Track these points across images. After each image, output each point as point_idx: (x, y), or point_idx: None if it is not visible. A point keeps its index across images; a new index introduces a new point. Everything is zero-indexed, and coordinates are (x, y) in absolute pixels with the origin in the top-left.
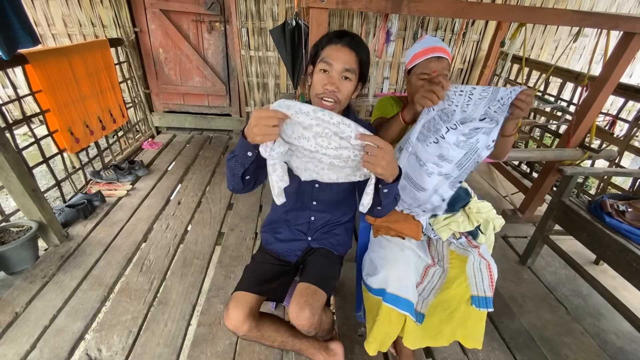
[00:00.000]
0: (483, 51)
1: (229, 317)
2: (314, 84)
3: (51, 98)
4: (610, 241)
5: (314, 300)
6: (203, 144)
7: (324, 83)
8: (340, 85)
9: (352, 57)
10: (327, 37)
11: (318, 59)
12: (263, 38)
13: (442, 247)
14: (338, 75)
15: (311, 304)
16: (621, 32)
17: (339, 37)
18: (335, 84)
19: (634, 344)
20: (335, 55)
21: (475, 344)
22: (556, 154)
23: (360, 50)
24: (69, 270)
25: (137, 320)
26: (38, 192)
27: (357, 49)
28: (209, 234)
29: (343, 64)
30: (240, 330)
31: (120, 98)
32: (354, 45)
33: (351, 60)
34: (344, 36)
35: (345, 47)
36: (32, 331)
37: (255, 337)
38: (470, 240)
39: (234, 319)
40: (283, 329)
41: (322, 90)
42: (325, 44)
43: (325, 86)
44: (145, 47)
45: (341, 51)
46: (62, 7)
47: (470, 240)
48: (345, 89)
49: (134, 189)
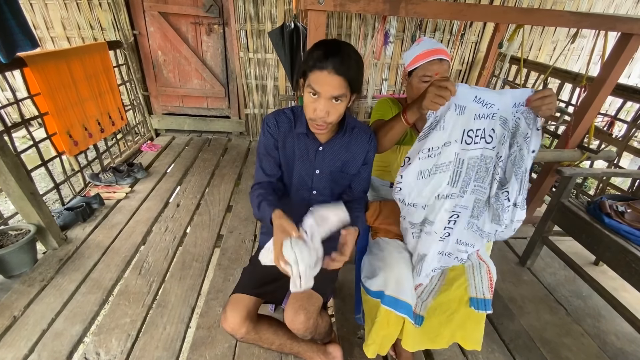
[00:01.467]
0: (481, 52)
1: (227, 320)
2: (305, 104)
3: (50, 101)
4: (610, 242)
5: (309, 304)
6: (202, 146)
7: (314, 108)
8: (330, 109)
9: (340, 82)
10: (313, 57)
11: (306, 80)
12: (262, 40)
13: None
14: (327, 101)
15: (306, 308)
16: (619, 33)
17: (325, 59)
18: (325, 109)
19: (634, 345)
20: (322, 83)
21: (475, 345)
22: (555, 155)
23: (349, 71)
24: (68, 273)
25: (136, 324)
26: (36, 195)
27: (345, 72)
28: (208, 236)
29: (331, 92)
30: (238, 333)
31: (119, 101)
32: (341, 69)
33: (339, 85)
34: (330, 56)
35: (332, 73)
36: (31, 335)
37: (253, 339)
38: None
39: (232, 321)
40: (281, 332)
41: (313, 116)
42: (312, 67)
43: (315, 112)
44: (144, 49)
45: (328, 78)
46: (61, 10)
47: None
48: (336, 110)
49: (132, 192)
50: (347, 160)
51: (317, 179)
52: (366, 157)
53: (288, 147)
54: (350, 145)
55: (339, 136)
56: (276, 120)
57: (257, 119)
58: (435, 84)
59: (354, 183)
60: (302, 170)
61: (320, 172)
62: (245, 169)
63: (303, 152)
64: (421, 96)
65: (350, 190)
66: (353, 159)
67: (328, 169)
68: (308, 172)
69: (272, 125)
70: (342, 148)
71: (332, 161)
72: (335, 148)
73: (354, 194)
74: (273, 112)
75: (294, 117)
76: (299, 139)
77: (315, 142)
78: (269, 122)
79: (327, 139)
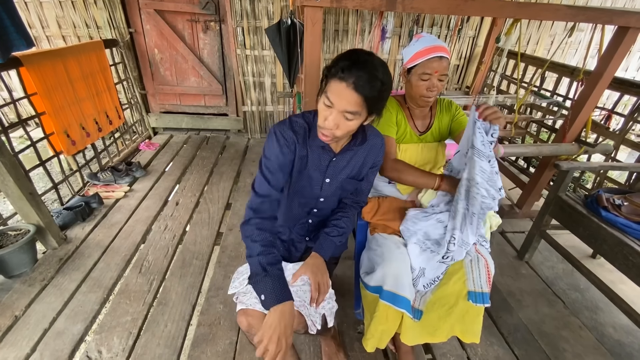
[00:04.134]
0: (479, 47)
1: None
2: (319, 110)
3: (46, 101)
4: (607, 235)
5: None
6: (200, 144)
7: (325, 117)
8: (340, 124)
9: (356, 100)
10: (338, 65)
11: (324, 86)
12: (259, 37)
13: None
14: (338, 114)
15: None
16: (615, 26)
17: (349, 71)
18: (335, 121)
19: (631, 337)
20: (338, 95)
21: (473, 338)
22: (552, 149)
23: (371, 91)
24: (68, 272)
25: (137, 322)
26: (35, 195)
27: (365, 90)
28: (208, 234)
29: (345, 106)
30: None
31: (116, 99)
32: (361, 86)
33: (355, 102)
34: (355, 69)
35: (350, 88)
36: (32, 334)
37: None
38: None
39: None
40: (290, 351)
41: (322, 124)
42: (334, 75)
43: (325, 121)
44: (140, 47)
45: (344, 92)
46: (56, 9)
47: None
48: (346, 127)
49: (131, 191)
50: (358, 166)
51: (326, 187)
52: (375, 161)
53: (300, 155)
54: (362, 152)
55: (352, 144)
56: (294, 131)
57: (254, 117)
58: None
59: (358, 189)
60: (312, 178)
61: (330, 181)
62: (243, 167)
63: (316, 161)
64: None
65: (351, 195)
66: (363, 165)
67: (339, 177)
68: (318, 181)
69: (289, 139)
70: (355, 156)
71: (343, 169)
72: (347, 157)
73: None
74: (286, 124)
75: (309, 127)
76: (312, 148)
77: (329, 153)
78: (286, 135)
79: (341, 148)
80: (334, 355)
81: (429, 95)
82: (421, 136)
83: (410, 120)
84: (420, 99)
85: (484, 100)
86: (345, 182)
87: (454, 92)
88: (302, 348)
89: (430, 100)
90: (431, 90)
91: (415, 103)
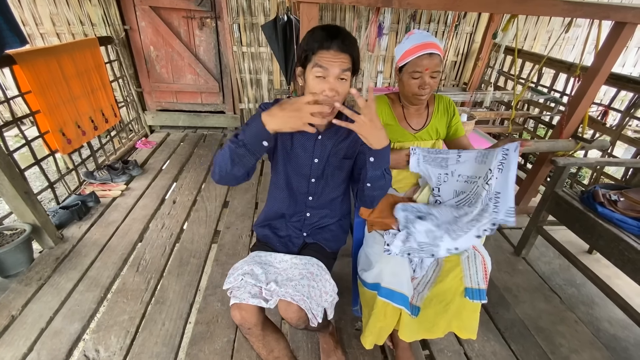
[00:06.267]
0: (476, 43)
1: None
2: (311, 90)
3: (41, 99)
4: (603, 231)
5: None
6: (197, 142)
7: (322, 90)
8: (338, 88)
9: (346, 59)
10: (315, 40)
11: (310, 63)
12: (255, 34)
13: None
14: (335, 80)
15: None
16: (612, 21)
17: (330, 40)
18: (335, 89)
19: (627, 331)
20: (331, 62)
21: (470, 334)
22: (549, 145)
23: (352, 49)
24: (65, 272)
25: (135, 320)
26: (31, 194)
27: (349, 49)
28: (205, 232)
29: (340, 67)
30: (247, 323)
31: (112, 97)
32: (345, 47)
33: (346, 61)
34: (334, 38)
35: (338, 51)
36: (29, 334)
37: (256, 337)
38: None
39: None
40: (283, 344)
41: (323, 98)
42: (317, 48)
43: (324, 92)
44: (135, 45)
45: (335, 56)
46: (50, 6)
47: None
48: (344, 89)
49: (128, 189)
50: (347, 145)
51: (315, 167)
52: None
53: (285, 137)
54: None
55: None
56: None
57: (252, 114)
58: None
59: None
60: (299, 157)
61: (319, 160)
62: None
63: (301, 140)
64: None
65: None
66: (354, 142)
67: (327, 156)
68: (306, 161)
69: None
70: (343, 134)
71: (331, 148)
72: (333, 134)
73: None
74: (271, 102)
75: None
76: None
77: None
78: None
79: (326, 126)
80: (332, 352)
81: (421, 93)
82: (416, 134)
83: (402, 119)
84: (413, 97)
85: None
86: (337, 161)
87: (452, 89)
88: (300, 345)
89: (423, 99)
90: (423, 88)
91: (409, 101)
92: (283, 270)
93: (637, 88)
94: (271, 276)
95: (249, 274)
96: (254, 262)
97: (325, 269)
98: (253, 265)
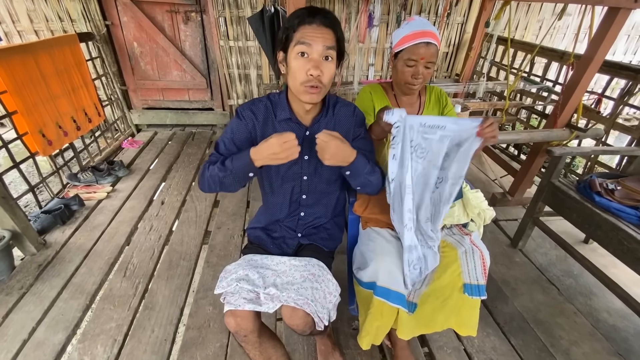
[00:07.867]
0: (468, 33)
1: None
2: (294, 72)
3: (18, 99)
4: (601, 220)
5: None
6: (186, 141)
7: (307, 69)
8: (323, 68)
9: (330, 35)
10: (297, 17)
11: (292, 43)
12: (242, 27)
13: None
14: (319, 57)
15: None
16: (605, 7)
17: (312, 16)
18: (319, 67)
19: (626, 321)
20: (313, 35)
21: (470, 331)
22: (544, 135)
23: (336, 26)
24: (48, 279)
25: (122, 328)
26: (9, 199)
27: (332, 25)
28: (195, 233)
29: (323, 42)
30: (243, 330)
31: (95, 96)
32: (329, 22)
33: (330, 37)
34: (317, 14)
35: (321, 25)
36: (10, 346)
37: (252, 344)
38: (461, 228)
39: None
40: (281, 351)
41: (307, 77)
42: (298, 24)
43: (309, 72)
44: (118, 41)
45: (318, 30)
46: (27, 2)
47: (461, 228)
48: (329, 70)
49: (114, 191)
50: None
51: (306, 165)
52: (354, 131)
53: (263, 134)
54: (336, 122)
55: (322, 115)
56: (252, 111)
57: None
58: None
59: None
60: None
61: (309, 157)
62: None
63: None
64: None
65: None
66: (344, 135)
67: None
68: (297, 159)
69: (247, 117)
70: (329, 127)
71: None
72: (321, 129)
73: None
74: (247, 102)
75: (272, 104)
76: (282, 126)
77: (300, 127)
78: (244, 112)
79: (312, 121)
80: (330, 354)
81: (413, 82)
82: None
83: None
84: (405, 85)
85: (474, 87)
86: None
87: (444, 80)
88: (296, 348)
89: (415, 88)
90: (416, 77)
91: (401, 90)
92: (282, 272)
93: (631, 75)
94: (269, 280)
95: (244, 279)
96: (249, 266)
97: (326, 268)
98: (248, 270)
